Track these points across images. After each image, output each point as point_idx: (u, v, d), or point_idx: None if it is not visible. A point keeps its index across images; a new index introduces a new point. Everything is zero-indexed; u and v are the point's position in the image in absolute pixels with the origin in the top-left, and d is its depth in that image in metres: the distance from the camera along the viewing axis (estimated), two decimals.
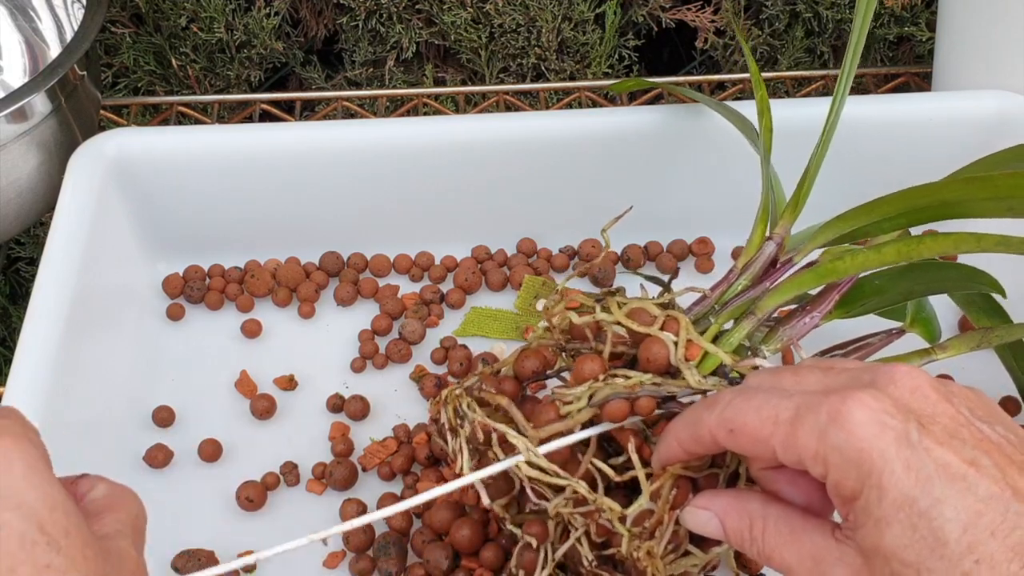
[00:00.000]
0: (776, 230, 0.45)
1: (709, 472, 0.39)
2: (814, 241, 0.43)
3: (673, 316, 0.40)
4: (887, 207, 0.40)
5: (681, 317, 0.40)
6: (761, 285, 0.43)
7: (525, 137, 0.58)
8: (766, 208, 0.46)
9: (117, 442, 0.52)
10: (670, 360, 0.40)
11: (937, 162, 0.60)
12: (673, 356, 0.40)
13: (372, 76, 0.78)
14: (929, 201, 0.39)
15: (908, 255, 0.41)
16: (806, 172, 0.45)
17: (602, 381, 0.40)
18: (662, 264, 0.61)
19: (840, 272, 0.42)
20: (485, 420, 0.41)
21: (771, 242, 0.44)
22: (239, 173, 0.57)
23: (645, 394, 0.39)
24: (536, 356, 0.44)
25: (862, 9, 0.46)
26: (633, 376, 0.39)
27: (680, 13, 0.75)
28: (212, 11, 0.72)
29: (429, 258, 0.61)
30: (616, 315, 0.41)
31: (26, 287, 0.83)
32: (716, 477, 0.40)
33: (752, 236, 0.46)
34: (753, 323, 0.42)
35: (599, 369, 0.40)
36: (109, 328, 0.54)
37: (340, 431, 0.53)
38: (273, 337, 0.58)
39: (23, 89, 0.54)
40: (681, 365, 0.39)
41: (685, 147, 0.59)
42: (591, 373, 0.40)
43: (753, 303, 0.43)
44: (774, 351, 0.43)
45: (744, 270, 0.44)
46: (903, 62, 0.78)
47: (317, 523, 0.50)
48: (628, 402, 0.39)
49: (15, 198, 0.58)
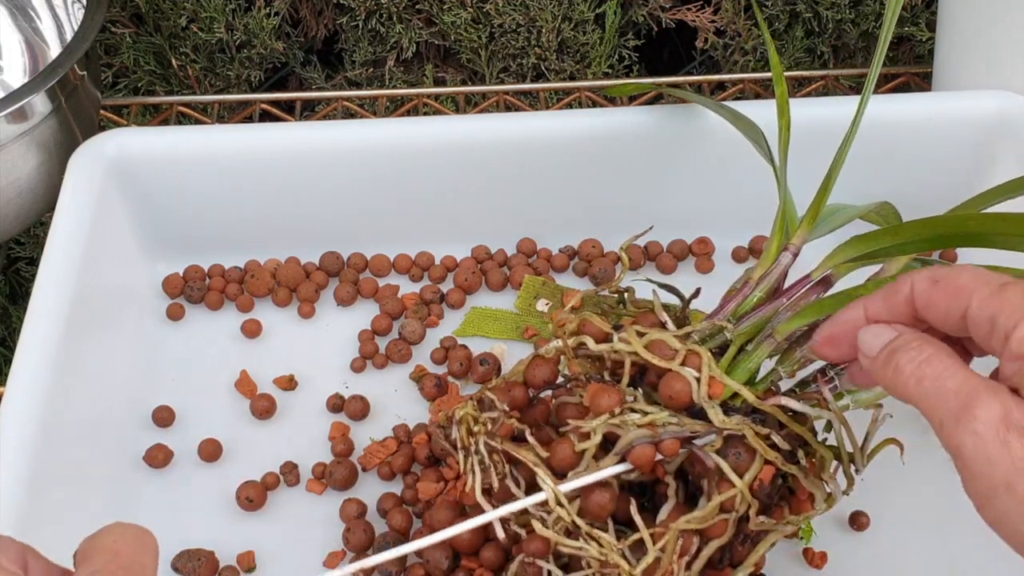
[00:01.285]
0: (793, 240, 0.44)
1: (720, 518, 0.39)
2: (832, 259, 0.43)
3: (694, 351, 0.39)
4: (911, 232, 0.40)
5: (703, 352, 0.39)
6: (777, 300, 0.43)
7: (525, 137, 0.58)
8: (783, 216, 0.46)
9: (117, 442, 0.52)
10: (692, 398, 0.39)
11: (937, 162, 0.60)
12: (695, 394, 0.39)
13: (372, 76, 0.78)
14: (955, 231, 0.38)
15: None
16: (826, 180, 0.45)
17: (618, 415, 0.39)
18: (662, 264, 0.61)
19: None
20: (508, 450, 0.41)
21: (787, 253, 0.44)
22: (239, 173, 0.57)
23: (669, 437, 0.38)
24: (547, 365, 0.44)
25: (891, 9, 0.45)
26: (651, 412, 0.39)
27: (680, 13, 0.75)
28: (212, 11, 0.72)
29: (429, 258, 0.61)
30: (635, 346, 0.40)
31: (26, 287, 0.83)
32: (725, 523, 0.39)
33: (769, 246, 0.45)
34: (772, 346, 0.42)
35: (616, 402, 0.39)
36: (109, 328, 0.54)
37: (340, 431, 0.53)
38: (273, 337, 0.58)
39: (23, 89, 0.54)
40: (704, 404, 0.38)
41: (685, 147, 0.59)
42: (608, 407, 0.39)
43: (769, 323, 0.42)
44: (790, 372, 0.43)
45: (760, 281, 0.43)
46: (903, 62, 0.78)
47: (317, 523, 0.50)
48: (653, 446, 0.38)
49: (15, 198, 0.58)
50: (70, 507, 0.47)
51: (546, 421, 0.45)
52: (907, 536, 0.49)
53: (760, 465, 0.38)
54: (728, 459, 0.38)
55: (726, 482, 0.38)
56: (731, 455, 0.38)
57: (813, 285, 0.43)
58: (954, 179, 0.60)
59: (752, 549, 0.41)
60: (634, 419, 0.39)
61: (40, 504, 0.44)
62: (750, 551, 0.41)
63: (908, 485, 0.50)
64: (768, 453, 0.38)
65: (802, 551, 0.48)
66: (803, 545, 0.48)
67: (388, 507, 0.49)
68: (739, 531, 0.40)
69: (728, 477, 0.38)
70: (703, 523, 0.38)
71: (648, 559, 0.38)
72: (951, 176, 0.61)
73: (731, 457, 0.38)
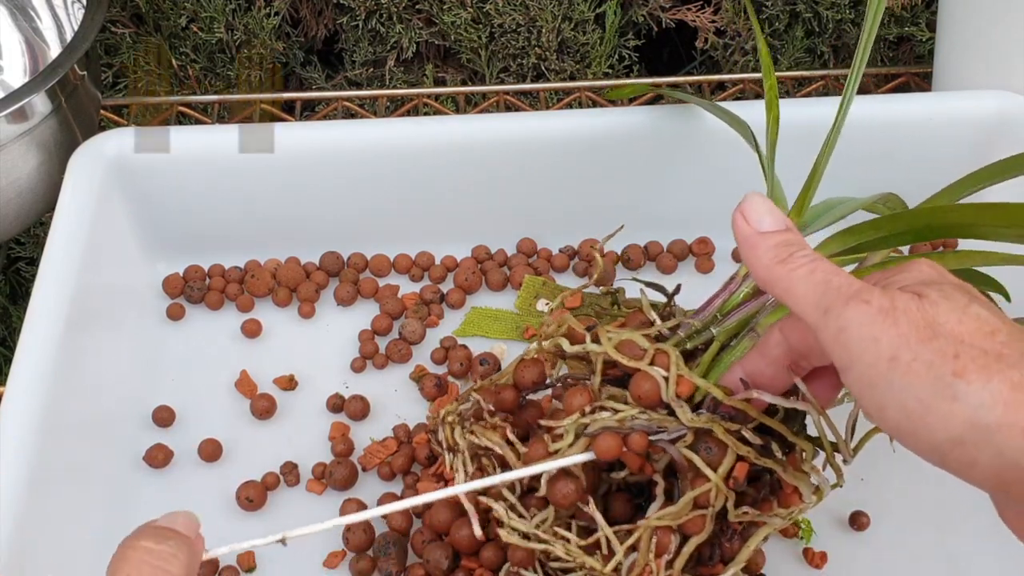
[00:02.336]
0: None
1: (696, 514, 0.39)
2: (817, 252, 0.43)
3: (663, 350, 0.40)
4: (896, 224, 0.40)
5: (671, 351, 0.40)
6: (763, 296, 0.43)
7: (525, 137, 0.58)
8: None
9: (117, 442, 0.52)
10: (661, 397, 0.39)
11: (937, 162, 0.60)
12: (664, 393, 0.39)
13: (372, 76, 0.78)
14: (940, 222, 0.39)
15: None
16: (811, 176, 0.45)
17: (588, 414, 0.40)
18: (662, 264, 0.61)
19: None
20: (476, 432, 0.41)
21: None
22: (239, 173, 0.57)
23: (637, 429, 0.39)
24: (535, 366, 0.44)
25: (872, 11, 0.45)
26: (621, 409, 0.39)
27: (680, 13, 0.75)
28: (212, 11, 0.72)
29: (429, 258, 0.61)
30: (606, 347, 0.41)
31: (26, 287, 0.83)
32: (703, 519, 0.39)
33: None
34: (754, 340, 0.42)
35: (587, 401, 0.40)
36: (109, 328, 0.54)
37: (340, 431, 0.53)
38: (273, 337, 0.58)
39: (23, 89, 0.54)
40: (672, 403, 0.39)
41: (685, 147, 0.59)
42: (580, 406, 0.40)
43: (754, 317, 0.42)
44: None
45: (746, 277, 0.44)
46: (903, 62, 0.78)
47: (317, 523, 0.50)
48: (619, 436, 0.39)
49: (15, 198, 0.58)
50: (70, 507, 0.47)
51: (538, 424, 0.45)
52: (907, 536, 0.49)
53: (733, 459, 0.39)
54: (699, 454, 0.39)
55: (701, 477, 0.39)
56: (702, 450, 0.39)
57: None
58: (954, 179, 0.60)
59: (743, 544, 0.41)
60: (604, 417, 0.39)
61: (40, 504, 0.44)
62: (740, 547, 0.41)
63: (908, 485, 0.50)
64: (739, 448, 0.38)
65: (802, 551, 0.48)
66: (803, 545, 0.48)
67: None
68: (724, 527, 0.40)
69: (703, 471, 0.38)
70: (677, 519, 0.39)
71: (618, 558, 0.38)
72: (951, 176, 0.60)
73: (702, 452, 0.39)
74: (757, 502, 0.41)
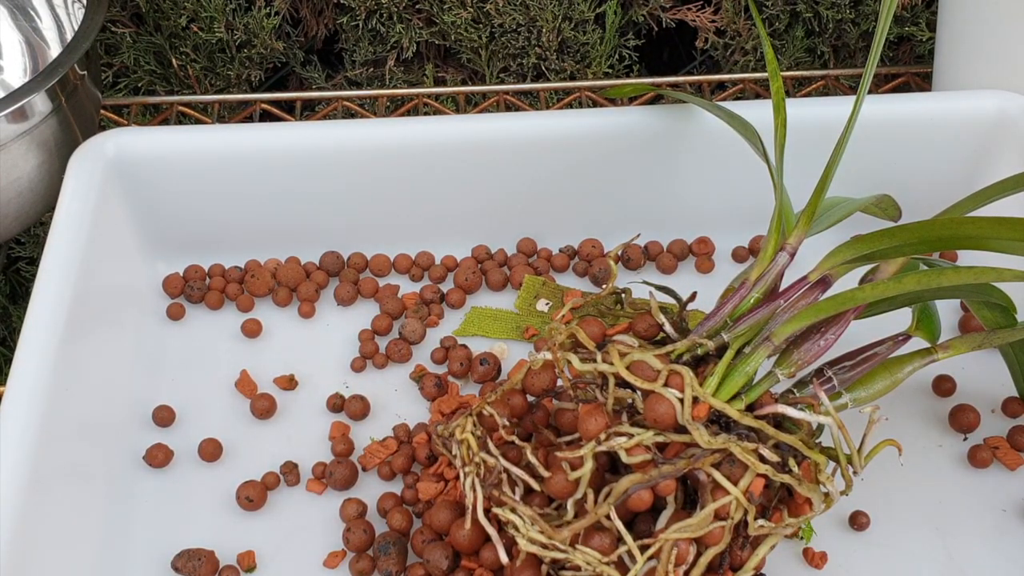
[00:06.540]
0: (790, 240, 0.44)
1: (716, 526, 0.39)
2: (830, 260, 0.43)
3: (677, 371, 0.39)
4: (908, 234, 0.40)
5: (685, 372, 0.39)
6: (775, 302, 0.43)
7: (525, 137, 0.58)
8: (780, 216, 0.46)
9: (117, 442, 0.52)
10: (677, 419, 0.39)
11: (937, 162, 0.60)
12: (680, 415, 0.39)
13: (372, 76, 0.78)
14: (952, 233, 0.39)
15: (928, 285, 0.40)
16: (820, 183, 0.45)
17: (605, 441, 0.39)
18: (662, 264, 0.61)
19: (859, 300, 0.42)
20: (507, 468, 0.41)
21: (784, 253, 0.44)
22: (239, 173, 0.57)
23: (665, 477, 0.38)
24: (546, 372, 0.44)
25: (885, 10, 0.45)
26: (637, 434, 0.39)
27: (680, 13, 0.75)
28: (212, 11, 0.72)
29: (429, 258, 0.61)
30: (618, 367, 0.40)
31: (26, 287, 0.83)
32: (722, 530, 0.39)
33: (766, 247, 0.45)
34: (769, 349, 0.42)
35: (602, 427, 0.40)
36: (109, 328, 0.54)
37: (340, 431, 0.53)
38: (273, 337, 0.58)
39: (23, 89, 0.54)
40: (689, 425, 0.38)
41: (685, 147, 0.59)
42: (596, 432, 0.40)
43: (767, 325, 0.42)
44: (788, 374, 0.42)
45: (757, 282, 0.43)
46: (903, 62, 0.78)
47: (317, 523, 0.50)
48: (650, 491, 0.39)
49: (15, 198, 0.58)
50: (70, 507, 0.47)
51: (546, 425, 0.45)
52: (907, 536, 0.49)
53: (752, 476, 0.39)
54: (720, 469, 0.38)
55: (720, 490, 0.39)
56: (723, 465, 0.39)
57: (811, 286, 0.43)
58: (954, 179, 0.60)
59: (752, 553, 0.41)
60: (620, 443, 0.39)
61: (40, 504, 0.44)
62: (750, 555, 0.41)
63: (908, 485, 0.50)
64: (757, 467, 0.38)
65: (802, 551, 0.48)
66: (803, 545, 0.48)
67: (388, 507, 0.49)
68: (737, 536, 0.40)
69: (722, 485, 0.38)
70: (697, 531, 0.38)
71: (638, 568, 0.38)
72: (951, 176, 0.61)
73: (724, 467, 0.39)
74: (768, 511, 0.41)
